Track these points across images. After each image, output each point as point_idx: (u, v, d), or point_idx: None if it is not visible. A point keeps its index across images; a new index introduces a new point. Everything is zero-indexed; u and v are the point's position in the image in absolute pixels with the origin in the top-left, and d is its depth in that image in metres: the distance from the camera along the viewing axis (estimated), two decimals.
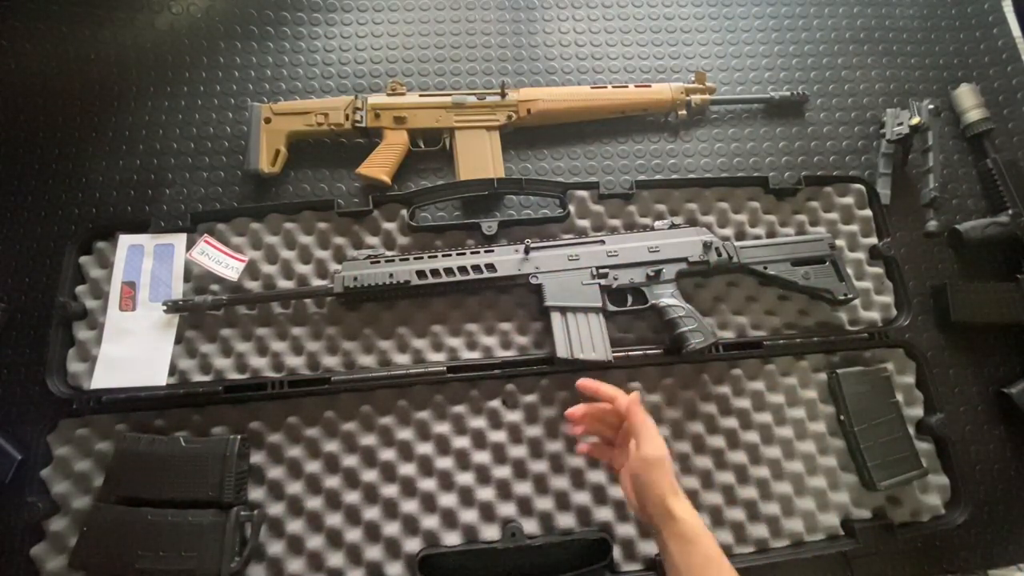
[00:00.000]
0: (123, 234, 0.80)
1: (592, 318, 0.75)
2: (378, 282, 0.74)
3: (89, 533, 0.67)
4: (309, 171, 0.89)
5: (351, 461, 0.73)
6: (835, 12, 1.03)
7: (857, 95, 0.98)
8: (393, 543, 0.71)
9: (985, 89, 0.96)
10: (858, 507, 0.75)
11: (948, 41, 1.01)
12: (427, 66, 0.97)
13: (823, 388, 0.80)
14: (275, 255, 0.81)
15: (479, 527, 0.72)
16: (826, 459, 0.77)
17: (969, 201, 0.92)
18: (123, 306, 0.77)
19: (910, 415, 0.79)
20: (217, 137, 0.91)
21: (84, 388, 0.74)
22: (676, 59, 0.99)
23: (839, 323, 0.82)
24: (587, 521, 0.73)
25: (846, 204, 0.87)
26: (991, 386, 0.84)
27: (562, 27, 1.00)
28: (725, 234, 0.84)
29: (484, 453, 0.75)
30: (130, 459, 0.69)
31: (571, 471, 0.74)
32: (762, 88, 0.98)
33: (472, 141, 0.87)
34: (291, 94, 0.94)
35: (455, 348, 0.78)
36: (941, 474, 0.78)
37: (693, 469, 0.75)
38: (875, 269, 0.85)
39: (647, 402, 0.77)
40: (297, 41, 0.97)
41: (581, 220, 0.84)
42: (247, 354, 0.76)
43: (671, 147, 0.94)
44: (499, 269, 0.76)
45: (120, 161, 0.89)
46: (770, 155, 0.94)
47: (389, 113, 0.87)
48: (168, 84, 0.94)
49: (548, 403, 0.77)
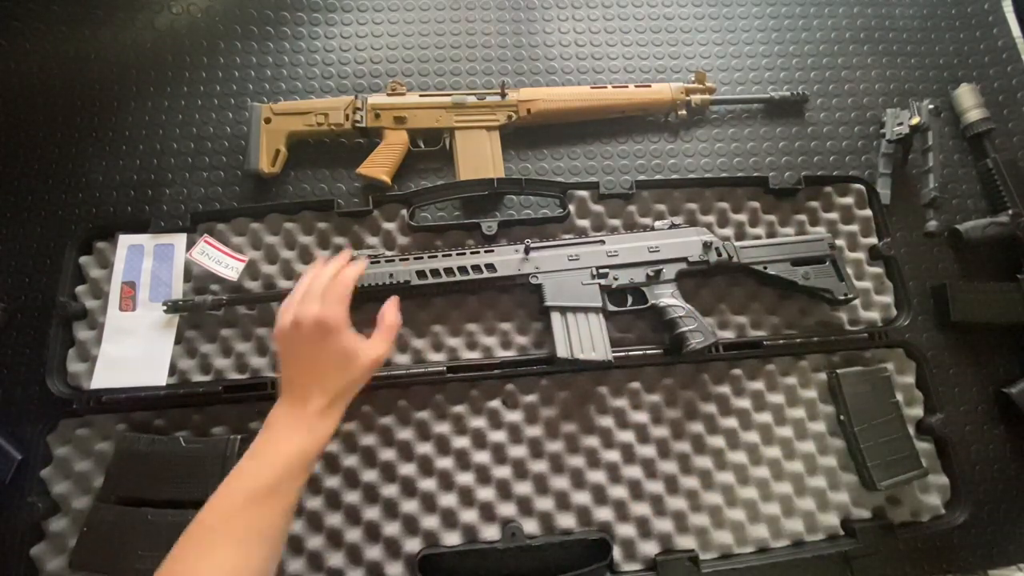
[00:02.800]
0: (123, 234, 0.80)
1: (592, 318, 0.75)
2: (378, 282, 0.74)
3: (89, 533, 0.67)
4: (309, 171, 0.89)
5: (351, 461, 0.73)
6: (835, 12, 1.03)
7: (857, 95, 0.98)
8: (393, 543, 0.71)
9: (985, 89, 0.96)
10: (858, 507, 0.75)
11: (948, 41, 1.01)
12: (427, 66, 0.97)
13: (823, 388, 0.80)
14: (275, 255, 0.81)
15: (479, 527, 0.72)
16: (826, 459, 0.77)
17: (969, 201, 0.92)
18: (123, 306, 0.77)
19: (910, 415, 0.79)
20: (217, 137, 0.91)
21: (84, 388, 0.74)
22: (676, 59, 0.99)
23: (839, 323, 0.82)
24: (587, 521, 0.73)
25: (846, 204, 0.87)
26: (991, 386, 0.84)
27: (562, 27, 1.00)
28: (725, 234, 0.84)
29: (484, 453, 0.75)
30: (130, 459, 0.69)
31: (571, 471, 0.74)
32: (762, 88, 0.98)
33: (472, 141, 0.87)
34: (291, 94, 0.94)
35: (455, 348, 0.78)
36: (941, 474, 0.78)
37: (693, 469, 0.75)
38: (875, 269, 0.85)
39: (647, 402, 0.77)
40: (297, 41, 0.97)
41: (581, 220, 0.84)
42: (247, 354, 0.76)
43: (671, 147, 0.94)
44: (499, 269, 0.76)
45: (120, 161, 0.89)
46: (770, 155, 0.94)
47: (389, 113, 0.87)
48: (168, 84, 0.94)
49: (548, 403, 0.77)
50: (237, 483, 0.49)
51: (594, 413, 0.77)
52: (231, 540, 0.46)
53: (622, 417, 0.77)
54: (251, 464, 0.50)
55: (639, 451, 0.75)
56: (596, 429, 0.76)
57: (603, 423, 0.76)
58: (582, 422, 0.76)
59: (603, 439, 0.76)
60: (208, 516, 0.47)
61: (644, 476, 0.74)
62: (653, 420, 0.77)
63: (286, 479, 0.49)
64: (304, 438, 0.52)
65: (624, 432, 0.76)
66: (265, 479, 0.49)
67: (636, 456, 0.75)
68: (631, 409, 0.77)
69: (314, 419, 0.53)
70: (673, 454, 0.76)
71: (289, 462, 0.50)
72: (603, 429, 0.76)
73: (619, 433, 0.76)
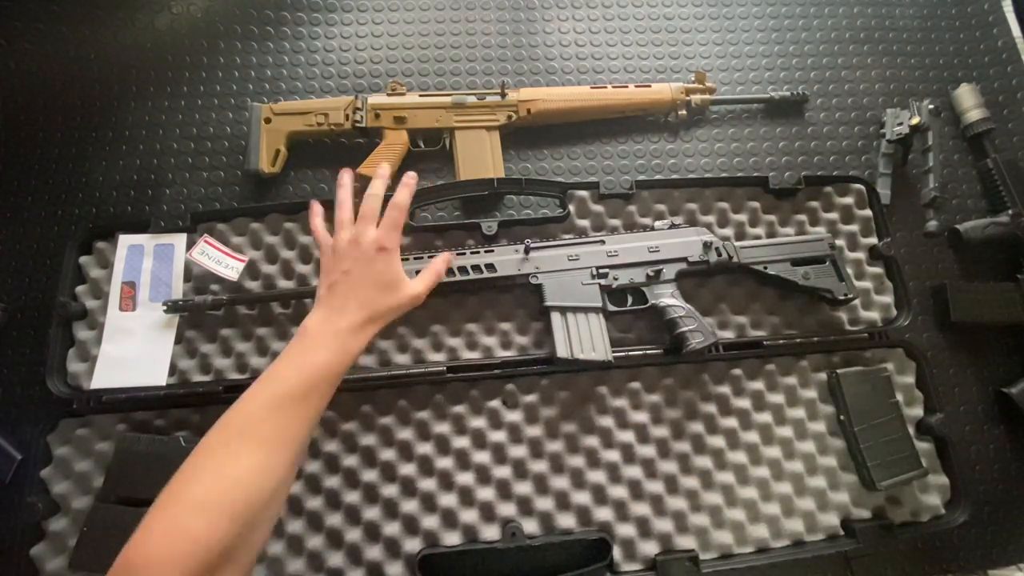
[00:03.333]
0: (123, 234, 0.80)
1: (592, 318, 0.75)
2: None
3: (89, 533, 0.67)
4: (309, 171, 0.89)
5: (351, 461, 0.73)
6: (835, 12, 1.03)
7: (857, 95, 0.98)
8: (393, 543, 0.71)
9: (985, 89, 0.96)
10: (858, 507, 0.75)
11: (948, 41, 1.01)
12: (427, 66, 0.97)
13: (823, 388, 0.80)
14: (275, 255, 0.81)
15: (479, 527, 0.72)
16: (826, 459, 0.77)
17: (969, 201, 0.92)
18: (123, 306, 0.77)
19: (910, 415, 0.79)
20: (217, 137, 0.91)
21: (84, 388, 0.74)
22: (676, 59, 0.99)
23: (839, 323, 0.82)
24: (587, 521, 0.73)
25: (846, 204, 0.87)
26: (991, 386, 0.84)
27: (562, 27, 1.00)
28: (725, 234, 0.84)
29: (484, 453, 0.75)
30: (130, 459, 0.69)
31: (571, 471, 0.74)
32: (762, 88, 0.98)
33: (472, 141, 0.87)
34: (291, 94, 0.94)
35: (455, 348, 0.78)
36: (941, 474, 0.78)
37: (693, 469, 0.75)
38: (875, 269, 0.85)
39: (647, 402, 0.77)
40: (297, 41, 0.97)
41: (581, 220, 0.84)
42: (247, 354, 0.76)
43: (671, 147, 0.94)
44: (499, 269, 0.76)
45: (120, 161, 0.89)
46: (770, 155, 0.94)
47: (389, 113, 0.87)
48: (168, 84, 0.94)
49: (548, 403, 0.77)
50: (267, 386, 0.51)
51: (594, 413, 0.77)
52: (256, 442, 0.47)
53: (622, 417, 0.77)
54: (282, 369, 0.52)
55: (639, 451, 0.75)
56: (596, 429, 0.76)
57: (603, 423, 0.76)
58: (582, 422, 0.76)
59: (603, 439, 0.76)
60: (235, 417, 0.49)
61: (644, 476, 0.74)
62: (653, 420, 0.77)
63: (314, 389, 0.51)
64: (335, 352, 0.54)
65: (624, 432, 0.76)
66: (293, 386, 0.50)
67: (636, 456, 0.75)
68: (631, 409, 0.77)
69: (347, 335, 0.55)
70: (673, 454, 0.76)
71: (319, 373, 0.52)
72: (603, 429, 0.76)
73: (619, 433, 0.76)
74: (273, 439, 0.48)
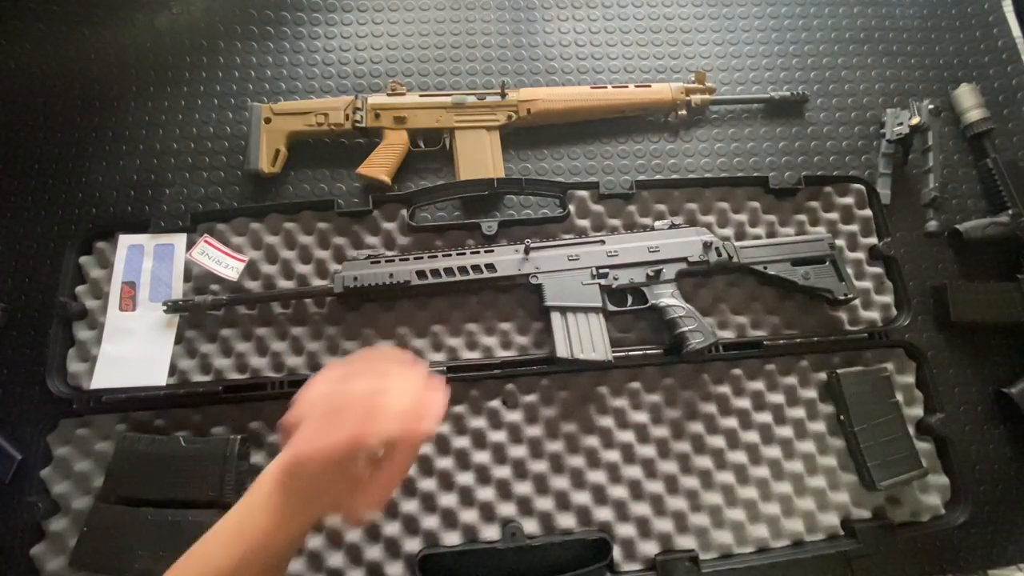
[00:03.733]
0: (123, 234, 0.80)
1: (592, 318, 0.75)
2: (378, 282, 0.74)
3: (89, 533, 0.67)
4: (309, 171, 0.89)
5: None
6: (835, 12, 1.03)
7: (857, 95, 0.98)
8: (393, 543, 0.71)
9: (985, 89, 0.96)
10: (858, 507, 0.75)
11: (948, 41, 1.01)
12: (427, 66, 0.97)
13: (823, 388, 0.80)
14: (275, 255, 0.81)
15: (479, 527, 0.72)
16: (826, 459, 0.77)
17: (969, 201, 0.92)
18: (123, 306, 0.77)
19: (910, 415, 0.79)
20: (217, 137, 0.91)
21: (84, 388, 0.74)
22: (676, 59, 0.99)
23: (839, 323, 0.82)
24: (587, 521, 0.73)
25: (846, 204, 0.87)
26: (991, 386, 0.84)
27: (562, 27, 1.00)
28: (725, 234, 0.84)
29: (484, 453, 0.75)
30: (130, 459, 0.69)
31: (571, 471, 0.74)
32: (762, 88, 0.98)
33: (472, 141, 0.87)
34: (291, 94, 0.94)
35: (455, 348, 0.78)
36: (941, 474, 0.78)
37: (693, 469, 0.75)
38: (875, 269, 0.85)
39: (647, 402, 0.77)
40: (297, 41, 0.97)
41: (581, 220, 0.84)
42: (247, 354, 0.76)
43: (671, 147, 0.94)
44: (499, 269, 0.76)
45: (120, 161, 0.89)
46: (770, 155, 0.94)
47: (389, 113, 0.87)
48: (168, 84, 0.94)
49: (548, 403, 0.77)
50: (201, 552, 0.43)
51: (594, 413, 0.77)
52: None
53: (622, 417, 0.77)
54: (222, 533, 0.44)
55: (639, 451, 0.75)
56: (596, 429, 0.76)
57: (603, 423, 0.76)
58: (582, 422, 0.76)
59: (603, 439, 0.76)
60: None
61: (644, 476, 0.74)
62: (653, 420, 0.77)
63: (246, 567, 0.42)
64: (279, 532, 0.43)
65: (624, 432, 0.76)
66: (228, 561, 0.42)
67: (636, 456, 0.75)
68: (631, 409, 0.77)
69: (293, 518, 0.43)
70: (673, 454, 0.76)
71: (255, 549, 0.42)
72: (603, 429, 0.76)
73: (619, 433, 0.76)
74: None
